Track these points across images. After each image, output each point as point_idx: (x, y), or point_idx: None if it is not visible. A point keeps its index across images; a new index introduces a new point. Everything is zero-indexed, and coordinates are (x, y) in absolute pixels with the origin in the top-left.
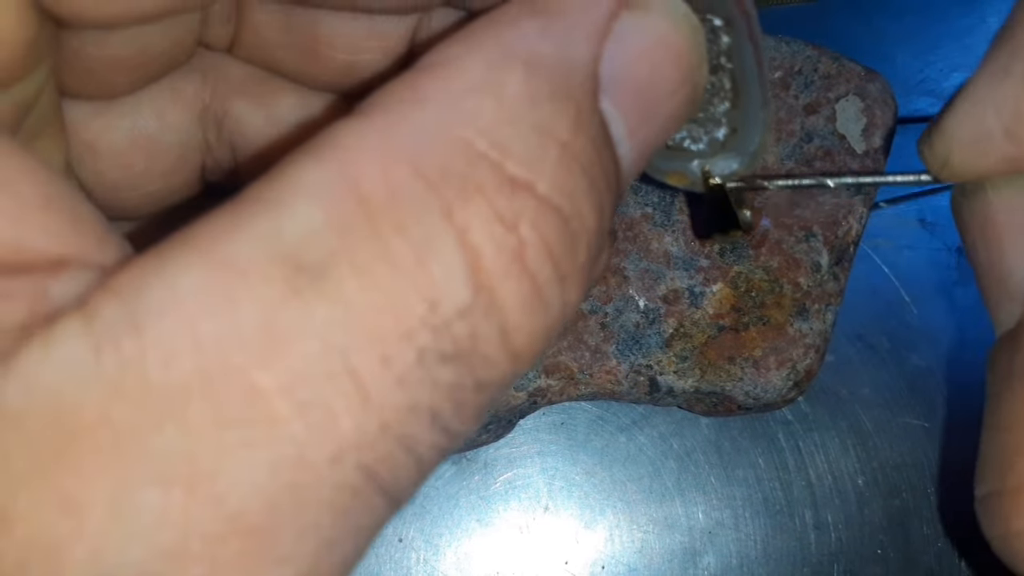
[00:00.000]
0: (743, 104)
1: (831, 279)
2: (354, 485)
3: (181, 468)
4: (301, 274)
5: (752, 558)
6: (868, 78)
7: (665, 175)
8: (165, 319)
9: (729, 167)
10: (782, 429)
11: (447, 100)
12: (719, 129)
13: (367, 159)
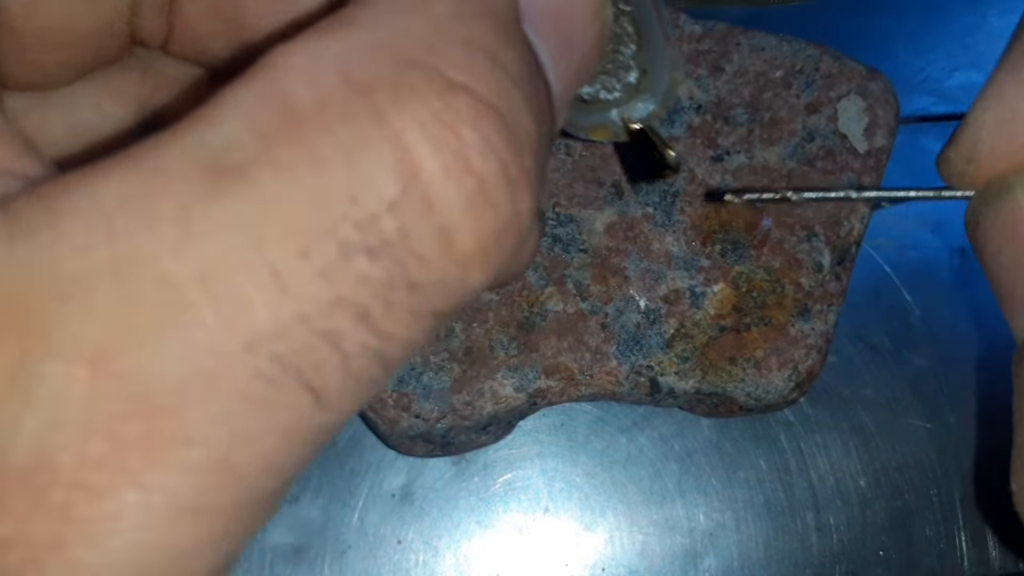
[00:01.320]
0: (647, 45)
1: (833, 279)
2: (270, 375)
3: (86, 346)
4: (221, 175)
5: (754, 560)
6: (870, 77)
7: (588, 131)
8: (82, 214)
9: (646, 109)
10: (784, 430)
11: (375, 20)
12: (629, 73)
13: (295, 74)
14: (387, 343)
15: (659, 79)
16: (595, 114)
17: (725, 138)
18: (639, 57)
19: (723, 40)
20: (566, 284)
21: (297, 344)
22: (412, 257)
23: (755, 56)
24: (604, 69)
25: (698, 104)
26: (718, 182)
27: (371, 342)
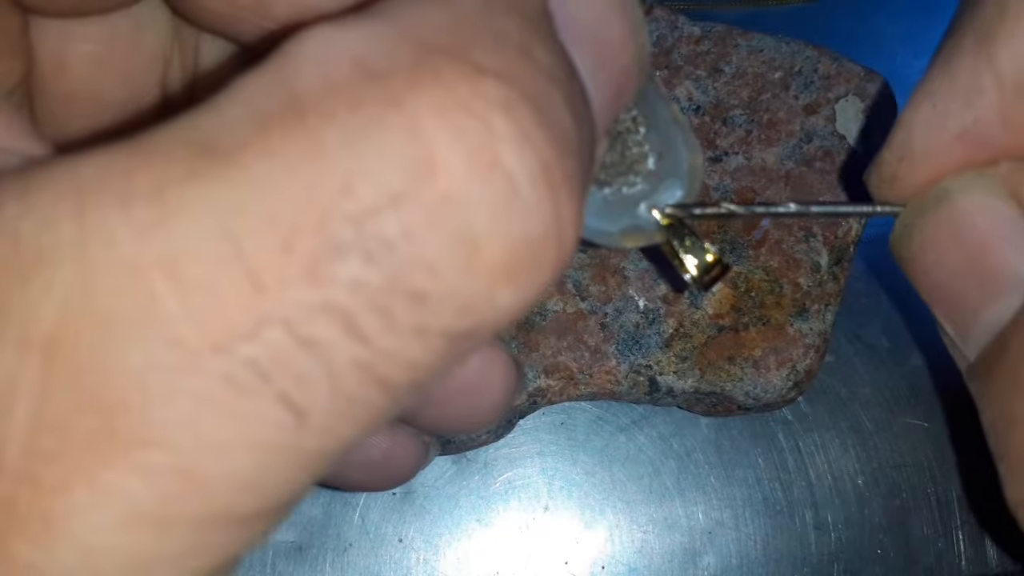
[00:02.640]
0: (656, 127)
1: (831, 279)
2: (242, 382)
3: (40, 332)
4: (206, 157)
5: (752, 558)
6: (868, 78)
7: (620, 238)
8: (53, 187)
9: (673, 195)
10: (782, 429)
11: (397, 10)
12: (647, 160)
13: (305, 60)
14: (385, 362)
15: (678, 159)
16: (623, 215)
17: (724, 139)
18: (652, 140)
19: (722, 41)
20: (566, 284)
21: (274, 350)
22: (419, 264)
23: (753, 57)
24: (620, 161)
25: (696, 105)
26: (716, 183)
27: (364, 358)
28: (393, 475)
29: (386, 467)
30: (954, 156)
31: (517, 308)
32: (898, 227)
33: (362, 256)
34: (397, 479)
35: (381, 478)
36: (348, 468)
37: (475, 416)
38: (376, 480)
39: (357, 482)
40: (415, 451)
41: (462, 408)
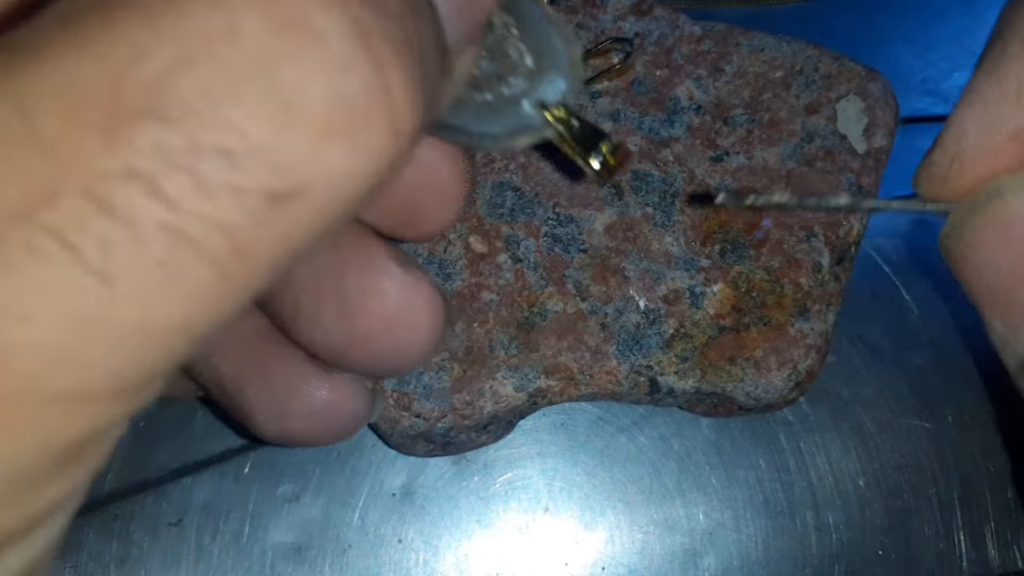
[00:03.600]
0: (528, 24)
1: (832, 279)
2: (43, 250)
3: None
4: (9, 53)
5: (753, 559)
6: (869, 78)
7: (509, 139)
8: None
9: (557, 89)
10: (783, 430)
11: None
12: (525, 60)
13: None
14: (196, 225)
15: (556, 55)
16: (507, 116)
17: (724, 139)
18: (528, 41)
19: (722, 41)
20: (566, 284)
21: (75, 217)
22: (224, 123)
23: (754, 57)
24: (499, 67)
25: (697, 105)
26: (717, 183)
27: (172, 221)
28: (337, 425)
29: (329, 417)
30: (1006, 156)
31: (354, 174)
32: (948, 226)
33: (159, 120)
34: (342, 429)
35: (326, 429)
36: (288, 418)
37: (403, 353)
38: (321, 431)
39: (302, 434)
40: (358, 398)
41: (388, 344)
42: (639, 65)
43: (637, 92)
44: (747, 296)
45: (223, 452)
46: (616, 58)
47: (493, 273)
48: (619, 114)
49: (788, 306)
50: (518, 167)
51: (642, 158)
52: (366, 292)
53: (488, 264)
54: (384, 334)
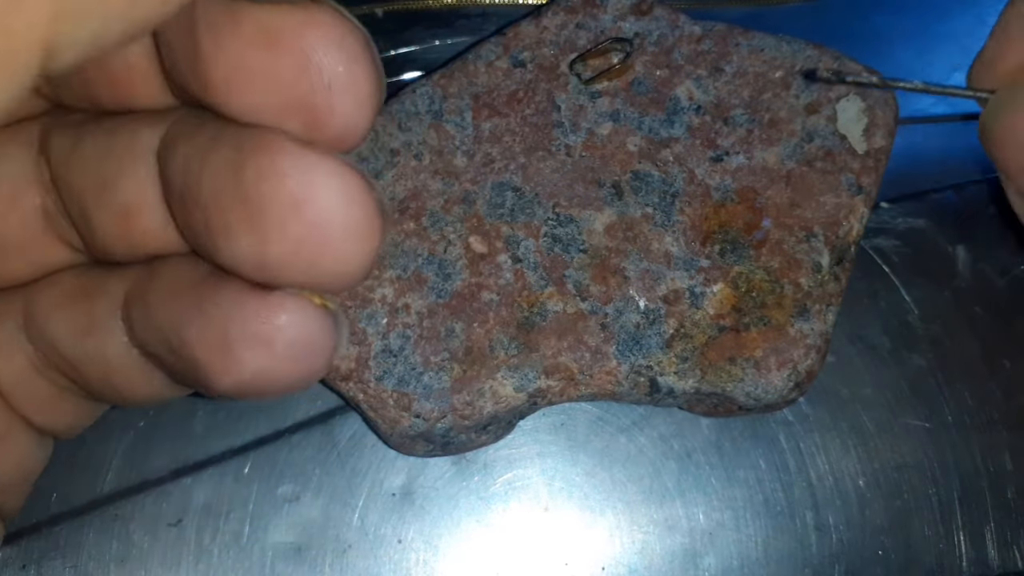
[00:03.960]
0: None
1: (832, 279)
2: None
3: None
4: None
5: (753, 559)
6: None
7: None
8: None
9: None
10: (783, 430)
11: None
12: None
13: None
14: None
15: None
16: None
17: (724, 139)
18: None
19: (722, 41)
20: (566, 284)
21: None
22: None
23: (754, 57)
24: None
25: (697, 105)
26: (717, 183)
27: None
28: (290, 353)
29: (276, 341)
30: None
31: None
32: (989, 108)
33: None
34: (299, 358)
35: (278, 360)
36: (231, 352)
37: (328, 249)
38: (273, 364)
39: (255, 374)
40: (308, 317)
41: (305, 236)
42: (639, 65)
43: (637, 92)
44: (747, 296)
45: (223, 452)
46: (616, 58)
47: (493, 273)
48: (619, 114)
49: (788, 306)
50: (518, 167)
51: (642, 158)
52: (261, 176)
53: (488, 264)
54: (295, 224)
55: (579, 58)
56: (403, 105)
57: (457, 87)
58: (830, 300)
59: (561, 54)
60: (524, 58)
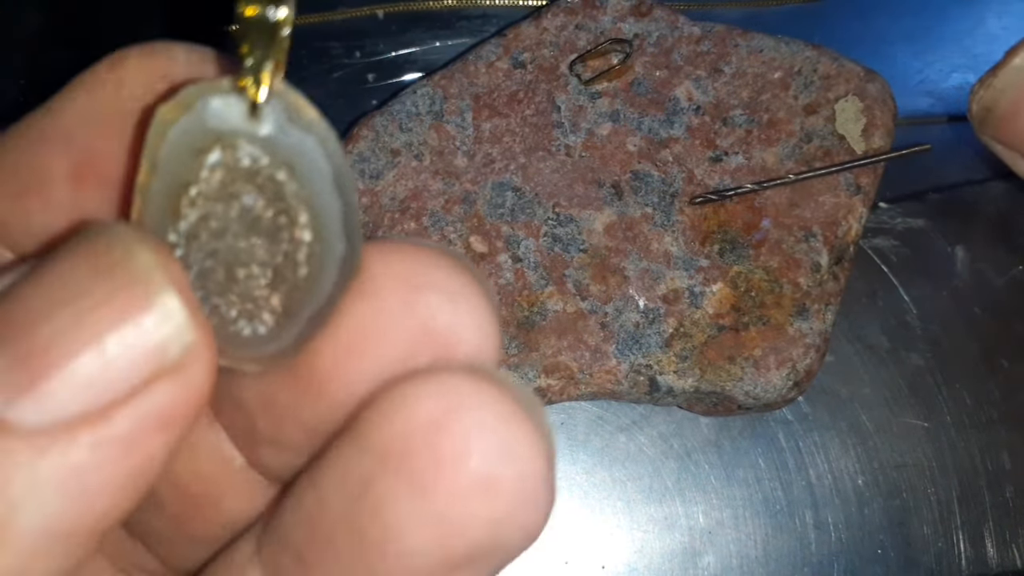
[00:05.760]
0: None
1: (831, 279)
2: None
3: None
4: None
5: (752, 558)
6: (867, 78)
7: None
8: None
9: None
10: (782, 429)
11: None
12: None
13: None
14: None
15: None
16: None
17: (723, 139)
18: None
19: (721, 41)
20: (566, 284)
21: None
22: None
23: (753, 57)
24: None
25: (697, 105)
26: (717, 183)
27: None
28: None
29: None
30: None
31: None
32: (990, 93)
33: None
34: None
35: None
36: None
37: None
38: None
39: None
40: None
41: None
42: (638, 66)
43: (636, 93)
44: (746, 296)
45: None
46: (615, 59)
47: (493, 273)
48: (618, 115)
49: (787, 306)
50: (518, 167)
51: (641, 158)
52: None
53: (488, 264)
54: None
55: (579, 59)
56: (404, 106)
57: (458, 88)
58: (829, 300)
59: (561, 55)
60: (524, 59)
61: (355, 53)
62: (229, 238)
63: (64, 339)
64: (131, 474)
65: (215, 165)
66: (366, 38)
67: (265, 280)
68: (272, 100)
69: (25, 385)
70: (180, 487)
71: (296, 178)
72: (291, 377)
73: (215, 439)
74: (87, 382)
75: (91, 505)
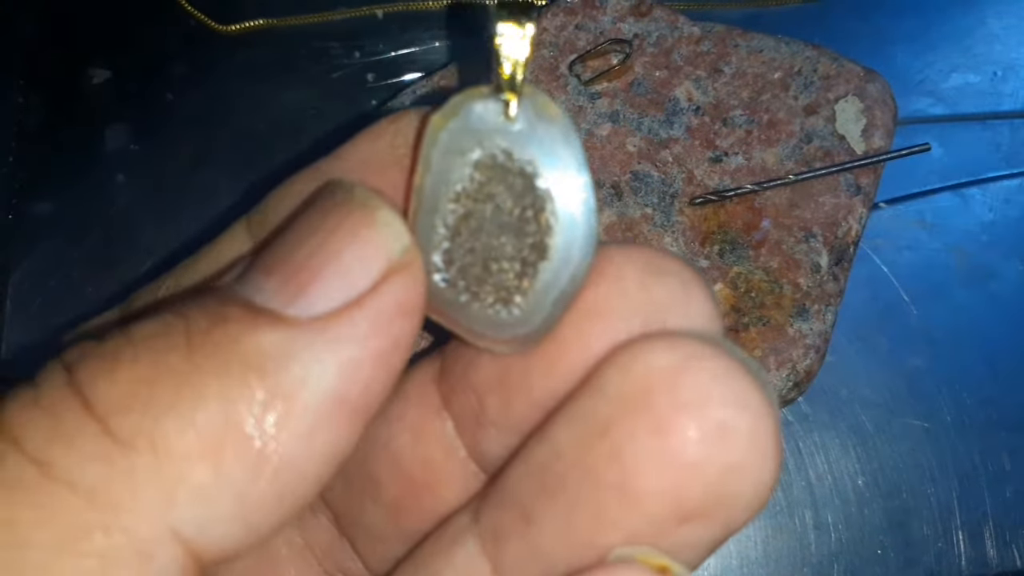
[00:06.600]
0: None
1: (831, 279)
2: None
3: None
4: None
5: (752, 559)
6: (868, 78)
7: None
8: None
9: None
10: (782, 429)
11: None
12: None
13: None
14: None
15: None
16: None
17: (724, 139)
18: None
19: (721, 41)
20: None
21: None
22: None
23: (753, 58)
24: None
25: (696, 106)
26: (717, 183)
27: None
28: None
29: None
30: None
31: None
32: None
33: None
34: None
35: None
36: None
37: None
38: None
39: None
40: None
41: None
42: (638, 66)
43: (636, 93)
44: (746, 296)
45: None
46: (615, 59)
47: None
48: (618, 115)
49: (787, 306)
50: None
51: (641, 159)
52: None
53: None
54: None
55: (579, 59)
56: (403, 105)
57: (457, 88)
58: (829, 300)
59: (561, 55)
60: None
61: (355, 53)
62: (484, 236)
63: (314, 258)
64: (383, 354)
65: (477, 163)
66: (366, 38)
67: (514, 273)
68: (523, 101)
69: (294, 293)
70: (405, 472)
71: (543, 167)
72: (528, 352)
73: (442, 427)
74: (336, 285)
75: (357, 376)
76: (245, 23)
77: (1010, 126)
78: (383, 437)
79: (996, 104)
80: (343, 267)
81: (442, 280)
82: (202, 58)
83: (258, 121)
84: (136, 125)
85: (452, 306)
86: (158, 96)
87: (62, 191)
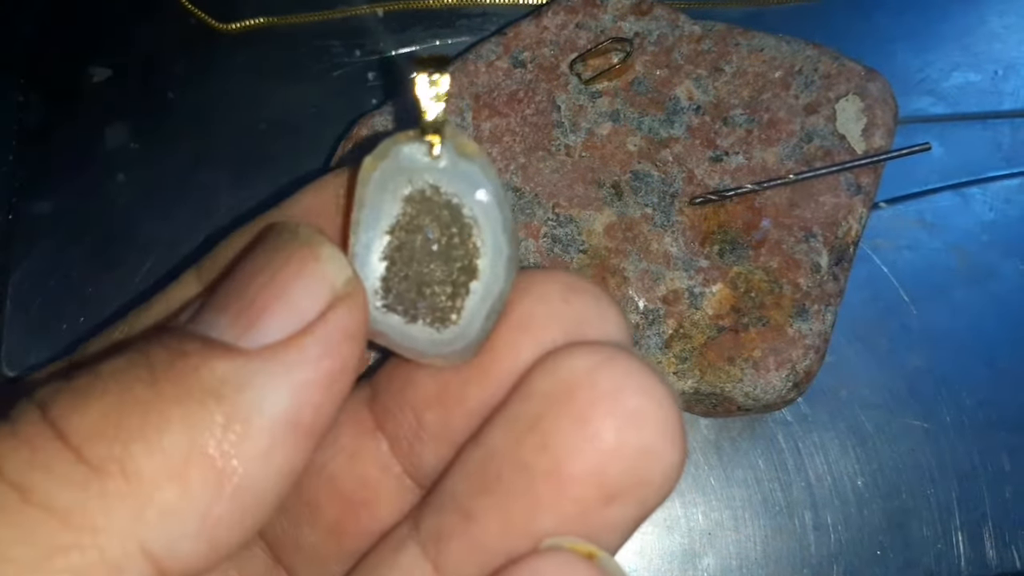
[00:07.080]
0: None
1: (831, 280)
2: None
3: None
4: None
5: (752, 559)
6: (868, 77)
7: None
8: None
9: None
10: (781, 430)
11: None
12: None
13: None
14: None
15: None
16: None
17: (724, 139)
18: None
19: (722, 40)
20: None
21: None
22: None
23: (754, 57)
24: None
25: (697, 105)
26: (717, 183)
27: None
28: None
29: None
30: None
31: None
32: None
33: None
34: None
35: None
36: None
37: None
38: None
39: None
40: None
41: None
42: (639, 65)
43: (637, 92)
44: (746, 296)
45: None
46: (616, 58)
47: None
48: (619, 114)
49: (787, 306)
50: (518, 167)
51: (641, 158)
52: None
53: None
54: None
55: (579, 58)
56: (403, 104)
57: (457, 87)
58: (829, 300)
59: (561, 54)
60: (524, 58)
61: (355, 51)
62: (416, 264)
63: (264, 293)
64: (331, 376)
65: (407, 198)
66: (366, 36)
67: (445, 295)
68: (446, 142)
69: (246, 326)
70: (342, 493)
71: (467, 198)
72: (465, 364)
73: (377, 447)
74: (285, 316)
75: (308, 398)
76: (245, 21)
77: (1011, 125)
78: (319, 461)
79: (997, 103)
80: (291, 300)
81: (383, 306)
82: (202, 57)
83: (258, 120)
84: (136, 124)
85: (393, 329)
86: (158, 95)
87: (62, 190)
